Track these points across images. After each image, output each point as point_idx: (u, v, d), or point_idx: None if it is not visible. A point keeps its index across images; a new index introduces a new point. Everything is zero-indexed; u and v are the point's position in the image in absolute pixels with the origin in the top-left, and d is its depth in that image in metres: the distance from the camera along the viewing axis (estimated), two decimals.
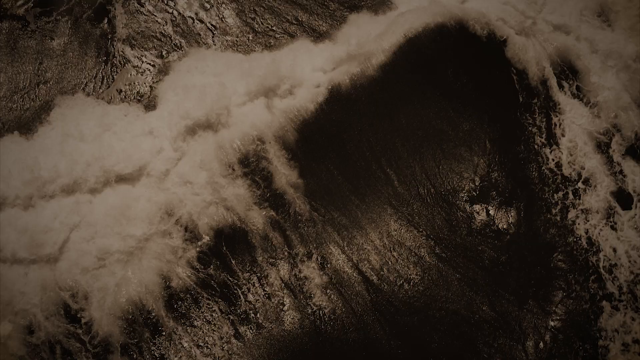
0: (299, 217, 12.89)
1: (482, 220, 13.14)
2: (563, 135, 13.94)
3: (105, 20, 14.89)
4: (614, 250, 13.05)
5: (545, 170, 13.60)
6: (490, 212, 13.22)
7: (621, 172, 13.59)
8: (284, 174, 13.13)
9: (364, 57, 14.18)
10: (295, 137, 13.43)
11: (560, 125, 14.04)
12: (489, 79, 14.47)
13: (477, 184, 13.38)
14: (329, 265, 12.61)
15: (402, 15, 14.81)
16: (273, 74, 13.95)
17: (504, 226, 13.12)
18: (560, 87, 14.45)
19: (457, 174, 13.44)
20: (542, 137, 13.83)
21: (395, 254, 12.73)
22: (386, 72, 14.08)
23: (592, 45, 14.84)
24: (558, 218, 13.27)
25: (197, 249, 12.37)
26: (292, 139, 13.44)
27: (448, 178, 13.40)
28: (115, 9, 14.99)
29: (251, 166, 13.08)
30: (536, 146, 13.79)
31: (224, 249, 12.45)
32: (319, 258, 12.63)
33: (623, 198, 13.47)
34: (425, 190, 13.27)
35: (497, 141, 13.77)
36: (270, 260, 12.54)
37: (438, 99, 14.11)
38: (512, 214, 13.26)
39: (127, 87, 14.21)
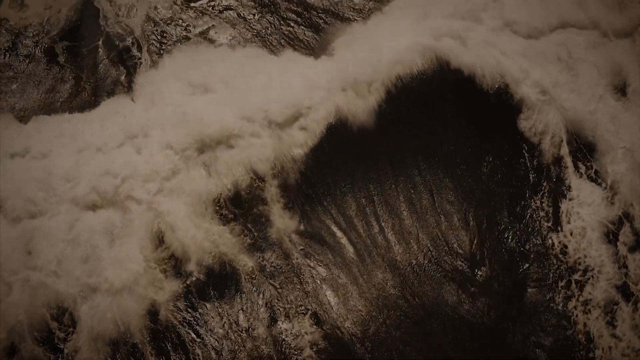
0: (296, 270, 12.95)
1: (474, 301, 12.95)
2: (571, 222, 13.55)
3: (130, 65, 15.33)
4: (610, 349, 12.66)
5: (550, 256, 13.31)
6: (484, 294, 13.01)
7: (625, 266, 13.14)
8: (282, 222, 13.21)
9: (363, 86, 14.21)
10: (297, 179, 13.50)
11: (569, 210, 13.66)
12: (497, 146, 14.26)
13: (473, 263, 13.25)
14: (321, 323, 12.59)
15: (397, 44, 14.68)
16: (271, 98, 13.96)
17: (498, 310, 12.88)
18: (575, 167, 14.01)
19: (455, 251, 13.34)
20: (548, 222, 13.53)
21: (387, 320, 12.66)
22: (388, 108, 14.15)
23: (610, 123, 14.25)
24: (559, 307, 12.96)
25: (185, 286, 12.46)
26: (293, 181, 13.49)
27: (446, 253, 13.32)
28: (141, 54, 15.50)
29: (245, 206, 13.21)
30: (542, 230, 13.49)
31: (213, 292, 12.53)
32: (312, 315, 12.62)
33: (625, 293, 13.02)
34: (421, 263, 13.21)
35: (499, 222, 13.60)
36: (261, 310, 12.56)
37: (440, 161, 14.07)
38: (507, 298, 13.03)
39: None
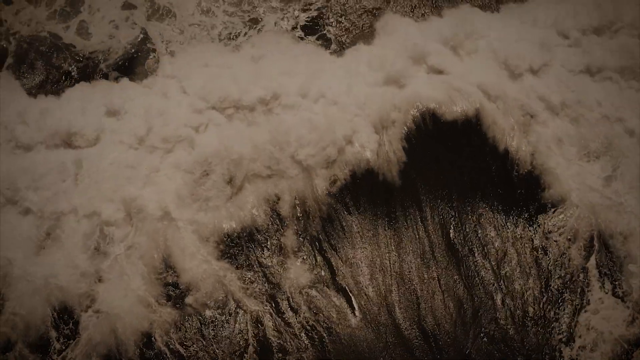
0: (301, 325, 13.01)
1: None
2: (583, 336, 13.01)
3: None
4: None
5: None
6: None
7: None
8: (295, 274, 13.34)
9: (388, 119, 14.22)
10: (317, 231, 13.61)
11: (585, 323, 13.14)
12: (519, 227, 14.00)
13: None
14: None
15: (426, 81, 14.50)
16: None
17: None
18: (601, 282, 13.39)
19: (448, 343, 13.10)
20: (561, 334, 13.13)
21: None
22: (410, 148, 14.16)
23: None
24: None
25: (184, 317, 12.65)
26: (314, 233, 13.58)
27: (439, 341, 13.11)
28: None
29: (260, 248, 13.38)
30: (553, 341, 13.06)
31: (211, 330, 12.67)
32: None
33: None
34: (418, 344, 13.10)
35: (504, 323, 13.25)
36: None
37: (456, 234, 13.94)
38: None
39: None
